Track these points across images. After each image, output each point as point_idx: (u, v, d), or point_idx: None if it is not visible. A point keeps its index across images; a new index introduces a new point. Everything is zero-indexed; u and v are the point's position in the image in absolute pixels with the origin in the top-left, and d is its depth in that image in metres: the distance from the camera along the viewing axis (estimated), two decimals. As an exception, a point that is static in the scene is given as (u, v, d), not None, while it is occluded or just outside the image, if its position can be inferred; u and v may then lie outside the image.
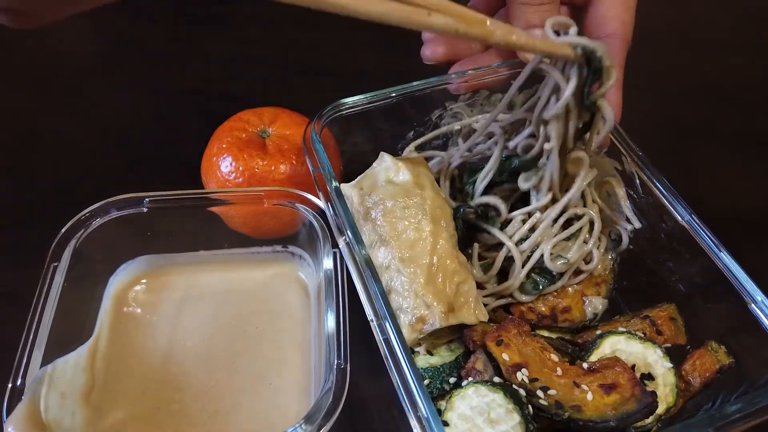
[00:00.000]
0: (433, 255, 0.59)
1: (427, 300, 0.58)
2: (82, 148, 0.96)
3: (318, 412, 0.52)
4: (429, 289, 0.58)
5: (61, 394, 0.57)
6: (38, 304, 0.59)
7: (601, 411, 0.52)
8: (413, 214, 0.61)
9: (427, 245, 0.60)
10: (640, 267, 0.70)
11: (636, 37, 0.76)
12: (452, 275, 0.60)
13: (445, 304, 0.58)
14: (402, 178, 0.64)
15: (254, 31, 1.18)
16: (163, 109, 1.03)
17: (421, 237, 0.60)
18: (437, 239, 0.60)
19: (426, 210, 0.62)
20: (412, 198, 0.62)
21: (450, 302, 0.58)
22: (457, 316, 0.59)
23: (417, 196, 0.62)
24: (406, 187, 0.63)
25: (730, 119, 1.04)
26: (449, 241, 0.61)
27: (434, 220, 0.61)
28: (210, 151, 0.75)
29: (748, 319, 0.56)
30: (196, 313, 0.69)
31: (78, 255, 0.63)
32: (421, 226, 0.61)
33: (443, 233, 0.61)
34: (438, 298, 0.58)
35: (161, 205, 0.67)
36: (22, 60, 1.11)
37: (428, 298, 0.57)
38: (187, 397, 0.62)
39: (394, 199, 0.62)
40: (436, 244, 0.60)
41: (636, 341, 0.58)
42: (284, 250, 0.74)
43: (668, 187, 0.65)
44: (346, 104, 0.70)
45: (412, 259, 0.59)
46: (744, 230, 0.84)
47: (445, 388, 0.58)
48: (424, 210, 0.62)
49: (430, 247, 0.59)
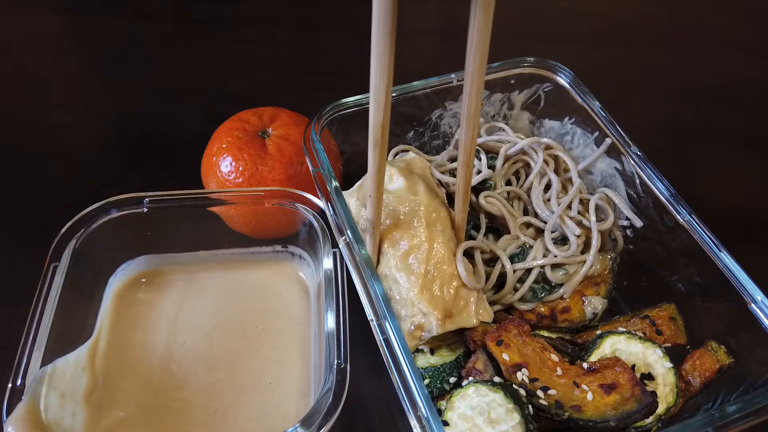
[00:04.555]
0: (429, 261, 0.59)
1: (423, 308, 0.58)
2: (82, 148, 0.96)
3: (318, 412, 0.52)
4: (425, 296, 0.58)
5: (61, 394, 0.57)
6: (38, 304, 0.59)
7: (601, 411, 0.52)
8: (407, 222, 0.61)
9: (423, 252, 0.59)
10: (640, 267, 0.70)
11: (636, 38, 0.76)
12: (450, 280, 0.60)
13: (442, 310, 0.58)
14: (395, 185, 0.64)
15: (254, 31, 1.18)
16: (163, 109, 1.03)
17: (416, 244, 0.60)
18: (433, 244, 0.60)
19: (420, 216, 0.61)
20: (406, 205, 0.62)
21: (448, 308, 0.58)
22: (455, 321, 0.59)
23: (410, 202, 0.62)
24: (399, 195, 0.63)
25: (730, 119, 1.04)
26: (446, 245, 0.61)
27: (429, 225, 0.61)
28: (210, 151, 0.75)
29: (748, 319, 0.56)
30: (196, 313, 0.69)
31: (78, 255, 0.63)
32: (416, 233, 0.60)
33: (440, 237, 0.61)
34: (434, 305, 0.58)
35: (161, 205, 0.67)
36: (23, 60, 1.11)
37: (424, 306, 0.57)
38: (187, 395, 0.62)
39: (388, 208, 0.62)
40: (431, 250, 0.60)
41: (636, 341, 0.58)
42: (284, 250, 0.74)
43: (668, 187, 0.65)
44: (346, 104, 0.71)
45: (408, 268, 0.59)
46: (744, 230, 0.84)
47: (445, 387, 0.58)
48: (419, 216, 0.61)
49: (425, 254, 0.59)
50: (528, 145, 0.73)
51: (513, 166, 0.73)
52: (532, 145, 0.73)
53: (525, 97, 0.79)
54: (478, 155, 0.72)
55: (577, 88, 0.75)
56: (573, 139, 0.77)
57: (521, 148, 0.73)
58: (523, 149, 0.73)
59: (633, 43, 1.17)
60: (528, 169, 0.73)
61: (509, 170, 0.73)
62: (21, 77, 1.08)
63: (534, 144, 0.73)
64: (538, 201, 0.70)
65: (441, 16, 1.21)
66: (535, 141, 0.73)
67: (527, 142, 0.73)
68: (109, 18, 1.20)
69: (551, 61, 0.76)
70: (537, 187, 0.71)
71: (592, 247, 0.66)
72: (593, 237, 0.66)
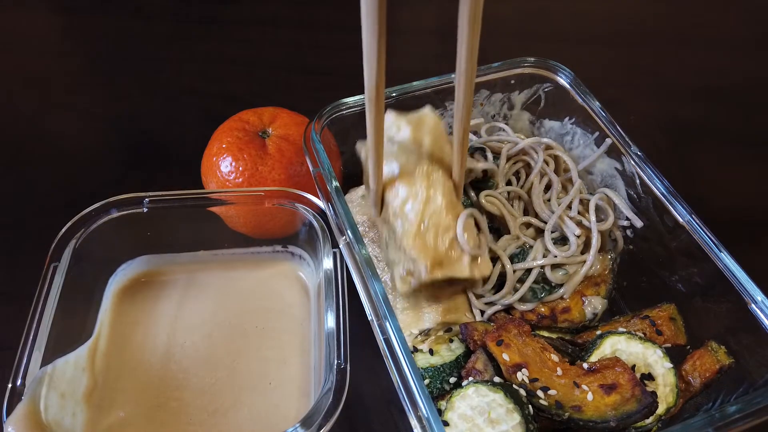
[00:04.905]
0: (425, 210, 0.59)
1: (413, 255, 0.58)
2: (82, 148, 0.96)
3: (318, 412, 0.52)
4: (416, 243, 0.58)
5: (61, 394, 0.57)
6: (38, 304, 0.59)
7: (601, 411, 0.52)
8: (409, 172, 0.61)
9: (419, 202, 0.60)
10: (640, 267, 0.70)
11: (637, 38, 0.77)
12: (446, 231, 0.59)
13: (432, 258, 0.58)
14: (402, 135, 0.64)
15: (254, 31, 1.18)
16: (163, 109, 1.03)
17: (414, 193, 0.60)
18: (430, 194, 0.60)
19: (423, 166, 0.61)
20: (410, 156, 0.62)
21: (439, 257, 0.58)
22: (446, 270, 0.59)
23: (415, 153, 0.62)
24: (405, 145, 0.63)
25: (730, 119, 1.04)
26: (446, 196, 0.61)
27: (429, 175, 0.61)
28: (210, 151, 0.75)
29: (748, 319, 0.56)
30: (196, 313, 0.69)
31: (78, 255, 0.63)
32: (416, 182, 0.61)
33: (439, 188, 0.61)
34: (425, 253, 0.58)
35: (161, 205, 0.67)
36: (23, 60, 1.11)
37: (414, 253, 0.58)
38: (187, 395, 0.62)
39: (392, 158, 0.62)
40: (428, 200, 0.60)
41: (636, 341, 0.58)
42: (284, 250, 0.74)
43: (668, 187, 0.65)
44: (346, 104, 0.71)
45: (405, 216, 0.60)
46: (744, 230, 0.84)
47: (445, 387, 0.58)
48: (421, 166, 0.61)
49: (422, 203, 0.59)
50: (528, 145, 0.73)
51: (513, 166, 0.73)
52: (533, 146, 0.73)
53: (525, 97, 0.79)
54: (484, 153, 0.72)
55: (577, 88, 0.75)
56: (573, 139, 0.77)
57: (521, 148, 0.73)
58: (524, 149, 0.73)
59: (633, 43, 1.17)
60: (528, 169, 0.73)
61: (509, 170, 0.73)
62: (21, 77, 1.08)
63: (534, 144, 0.73)
64: (539, 201, 0.70)
65: (441, 16, 1.21)
66: (535, 141, 0.73)
67: (527, 143, 0.73)
68: (109, 18, 1.20)
69: (551, 61, 0.76)
70: (537, 187, 0.71)
71: (592, 248, 0.66)
72: (593, 237, 0.66)
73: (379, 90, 0.51)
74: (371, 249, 0.67)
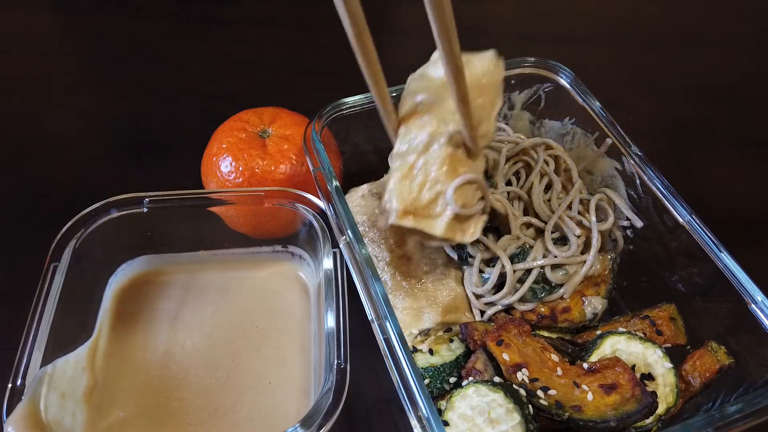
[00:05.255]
0: (420, 156, 0.58)
1: (390, 195, 0.58)
2: (82, 148, 0.96)
3: (318, 412, 0.52)
4: (398, 186, 0.58)
5: (61, 394, 0.57)
6: (38, 304, 0.59)
7: (601, 411, 0.52)
8: (424, 112, 0.59)
9: (418, 146, 0.58)
10: (640, 267, 0.70)
11: (637, 38, 0.76)
12: (434, 183, 0.58)
13: (406, 205, 0.57)
14: (437, 73, 0.60)
15: (254, 31, 1.18)
16: (163, 109, 1.03)
17: (418, 137, 0.58)
18: (432, 142, 0.58)
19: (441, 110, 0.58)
20: (433, 96, 0.59)
21: (417, 207, 0.57)
22: (417, 222, 0.57)
23: (437, 95, 0.59)
24: (433, 85, 0.60)
25: (730, 119, 1.04)
26: (449, 147, 0.58)
27: (441, 120, 0.58)
28: (210, 151, 0.75)
29: (748, 319, 0.56)
30: (196, 313, 0.69)
31: (78, 255, 0.63)
32: (424, 125, 0.58)
33: (444, 138, 0.58)
34: (401, 198, 0.57)
35: (161, 205, 0.67)
36: (23, 60, 1.11)
37: (391, 194, 0.58)
38: (187, 395, 0.62)
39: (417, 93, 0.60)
40: (428, 146, 0.58)
41: (636, 341, 0.58)
42: (284, 250, 0.74)
43: (668, 187, 0.65)
44: (346, 104, 0.71)
45: (403, 155, 0.59)
46: (744, 230, 0.84)
47: (445, 387, 0.58)
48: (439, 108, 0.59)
49: (421, 148, 0.58)
50: (528, 145, 0.73)
51: (513, 166, 0.73)
52: (533, 146, 0.73)
53: (525, 97, 0.79)
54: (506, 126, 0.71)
55: (577, 88, 0.75)
56: (573, 139, 0.77)
57: (522, 148, 0.73)
58: (524, 149, 0.73)
59: (633, 44, 1.17)
60: (528, 169, 0.73)
61: (510, 170, 0.73)
62: (21, 77, 1.08)
63: (534, 144, 0.73)
64: (539, 201, 0.70)
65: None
66: (535, 141, 0.73)
67: (528, 143, 0.73)
68: (109, 18, 1.20)
69: (551, 61, 0.76)
70: (537, 187, 0.71)
71: (592, 248, 0.66)
72: (593, 237, 0.66)
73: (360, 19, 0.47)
74: (371, 249, 0.66)
